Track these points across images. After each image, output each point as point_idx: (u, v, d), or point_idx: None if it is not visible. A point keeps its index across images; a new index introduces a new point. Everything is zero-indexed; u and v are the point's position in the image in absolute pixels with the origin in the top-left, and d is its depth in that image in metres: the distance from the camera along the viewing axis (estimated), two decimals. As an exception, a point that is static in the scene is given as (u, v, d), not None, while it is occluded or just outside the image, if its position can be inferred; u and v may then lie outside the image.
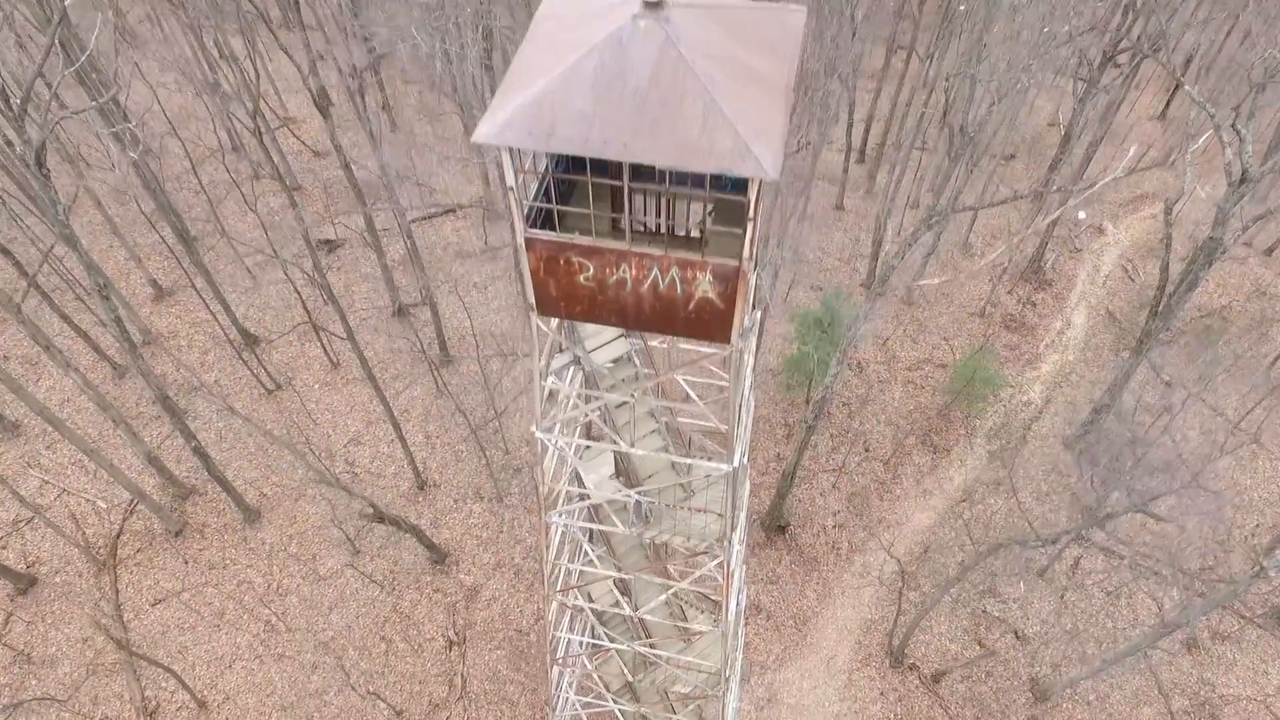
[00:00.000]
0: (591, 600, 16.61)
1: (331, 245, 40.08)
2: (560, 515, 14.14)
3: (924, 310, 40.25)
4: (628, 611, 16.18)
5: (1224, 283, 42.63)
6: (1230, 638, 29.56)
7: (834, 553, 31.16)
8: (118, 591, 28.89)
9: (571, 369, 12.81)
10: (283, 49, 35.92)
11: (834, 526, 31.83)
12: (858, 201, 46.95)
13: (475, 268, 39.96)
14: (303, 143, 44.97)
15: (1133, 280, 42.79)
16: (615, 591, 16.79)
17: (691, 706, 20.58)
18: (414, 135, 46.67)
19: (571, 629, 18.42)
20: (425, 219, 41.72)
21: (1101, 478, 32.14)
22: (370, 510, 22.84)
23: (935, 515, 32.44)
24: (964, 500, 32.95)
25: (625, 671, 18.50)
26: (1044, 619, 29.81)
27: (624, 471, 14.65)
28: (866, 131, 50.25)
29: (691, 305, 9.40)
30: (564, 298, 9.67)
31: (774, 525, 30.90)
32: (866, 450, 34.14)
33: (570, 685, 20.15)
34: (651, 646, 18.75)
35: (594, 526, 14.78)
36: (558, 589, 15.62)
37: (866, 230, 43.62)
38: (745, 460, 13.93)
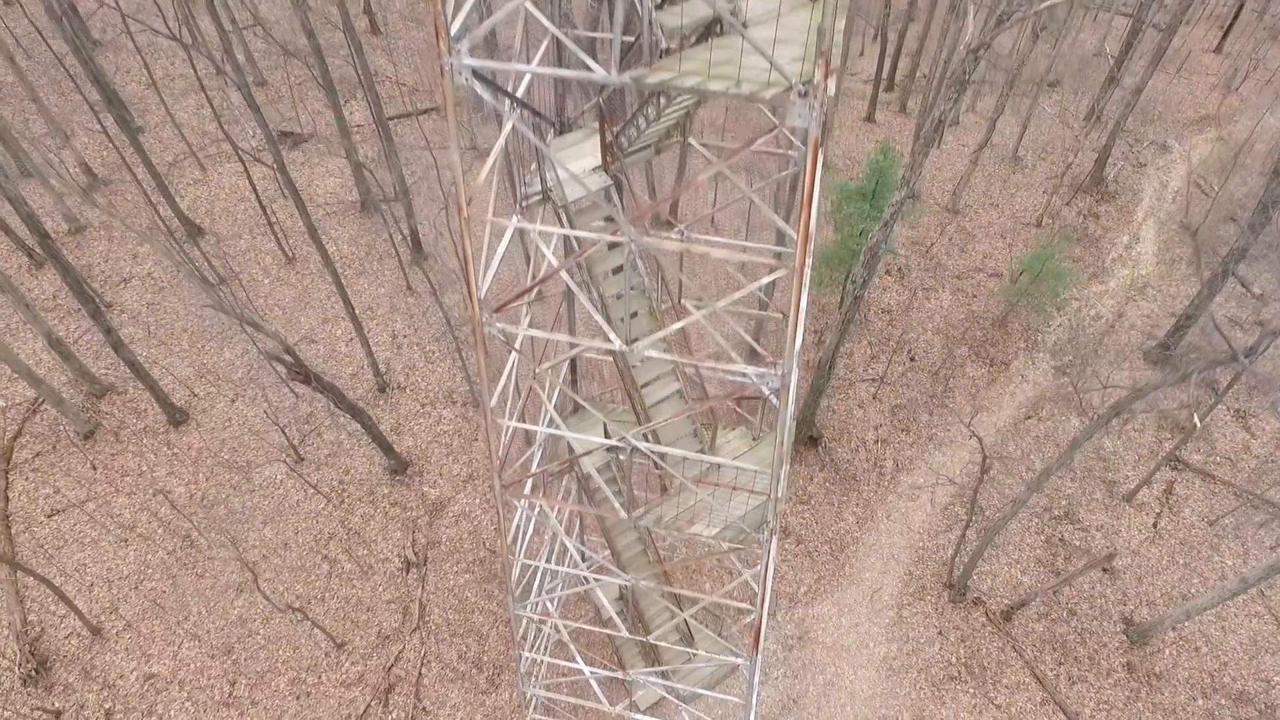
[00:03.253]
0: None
1: (295, 139, 35.31)
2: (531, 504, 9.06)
3: (971, 220, 35.16)
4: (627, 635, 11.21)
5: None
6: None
7: (876, 471, 25.87)
8: (8, 500, 23.82)
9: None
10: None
11: (875, 442, 26.55)
12: (889, 116, 42.00)
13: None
14: (273, 40, 40.36)
15: (1206, 195, 37.60)
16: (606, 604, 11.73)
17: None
18: (397, 39, 42.10)
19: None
20: (403, 116, 36.97)
21: (1197, 385, 26.87)
22: (288, 360, 17.71)
23: (995, 432, 27.13)
24: (1030, 417, 27.65)
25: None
26: (1134, 550, 24.40)
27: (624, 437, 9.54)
28: (895, 65, 45.33)
29: None
30: None
31: (804, 437, 25.67)
32: (912, 360, 28.91)
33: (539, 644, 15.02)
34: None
35: (585, 509, 9.78)
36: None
37: (904, 140, 38.66)
38: (795, 373, 8.61)
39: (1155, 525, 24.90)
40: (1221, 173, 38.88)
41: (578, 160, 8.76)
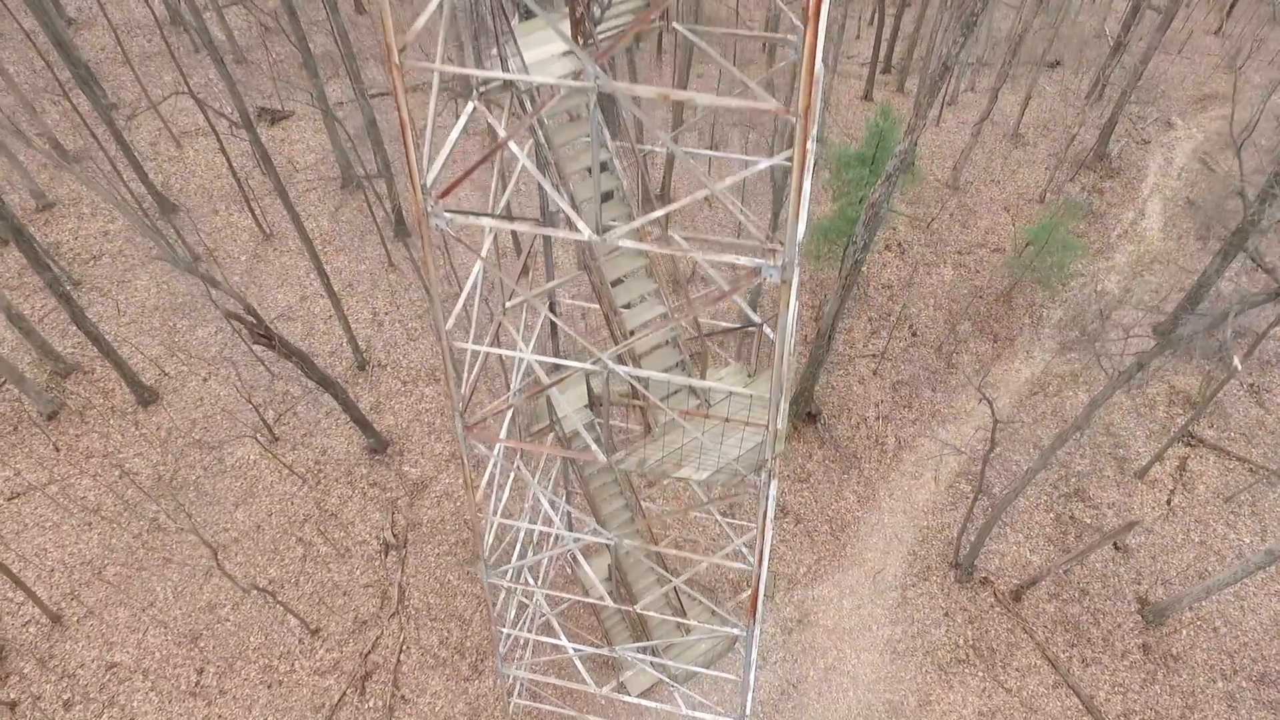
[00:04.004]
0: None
1: (276, 115, 34.19)
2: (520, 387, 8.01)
3: (973, 196, 34.16)
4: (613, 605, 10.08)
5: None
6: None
7: (878, 448, 24.80)
8: (-34, 482, 22.65)
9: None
10: None
11: (877, 418, 25.49)
12: (888, 95, 41.03)
13: (443, 138, 34.01)
14: (254, 15, 39.28)
15: (1213, 171, 36.67)
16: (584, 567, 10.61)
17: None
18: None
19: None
20: (386, 94, 35.85)
21: (1206, 357, 25.88)
22: (249, 320, 16.51)
23: (1000, 409, 26.08)
24: (1037, 393, 26.62)
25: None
26: (1148, 528, 23.36)
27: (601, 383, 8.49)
28: (891, 48, 44.31)
29: None
30: None
31: (802, 413, 24.60)
32: (914, 335, 27.87)
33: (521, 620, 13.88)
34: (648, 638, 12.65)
35: (560, 453, 8.73)
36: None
37: (904, 109, 37.65)
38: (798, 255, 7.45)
39: (1169, 502, 23.87)
40: (1228, 149, 37.96)
41: (544, 45, 7.70)
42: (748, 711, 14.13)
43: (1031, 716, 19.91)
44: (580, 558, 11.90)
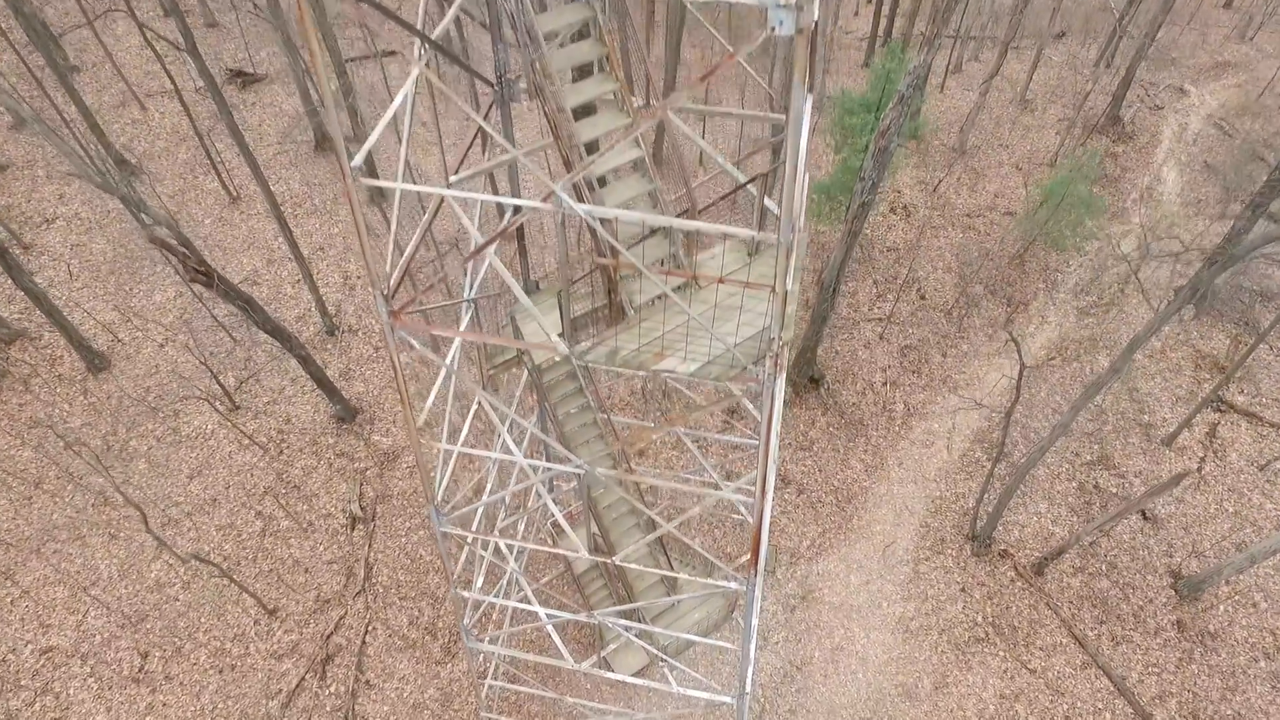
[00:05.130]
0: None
1: (246, 78, 32.47)
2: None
3: (980, 159, 32.51)
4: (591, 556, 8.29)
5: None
6: None
7: (885, 415, 23.08)
8: (-103, 454, 20.86)
9: None
10: None
11: (884, 384, 23.77)
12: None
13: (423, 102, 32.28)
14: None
15: (1230, 136, 35.07)
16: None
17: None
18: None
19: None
20: (363, 59, 34.17)
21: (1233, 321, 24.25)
22: (181, 251, 14.65)
23: (1014, 377, 24.37)
24: (1054, 358, 24.92)
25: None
26: (1178, 496, 21.65)
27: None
28: (891, 23, 42.65)
29: None
30: None
31: (804, 378, 22.88)
32: (922, 298, 26.17)
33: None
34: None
35: (499, 341, 7.20)
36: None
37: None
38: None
39: (1200, 470, 22.17)
40: (1245, 114, 36.40)
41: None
42: (748, 687, 12.38)
43: (1058, 699, 18.17)
44: (549, 502, 10.14)
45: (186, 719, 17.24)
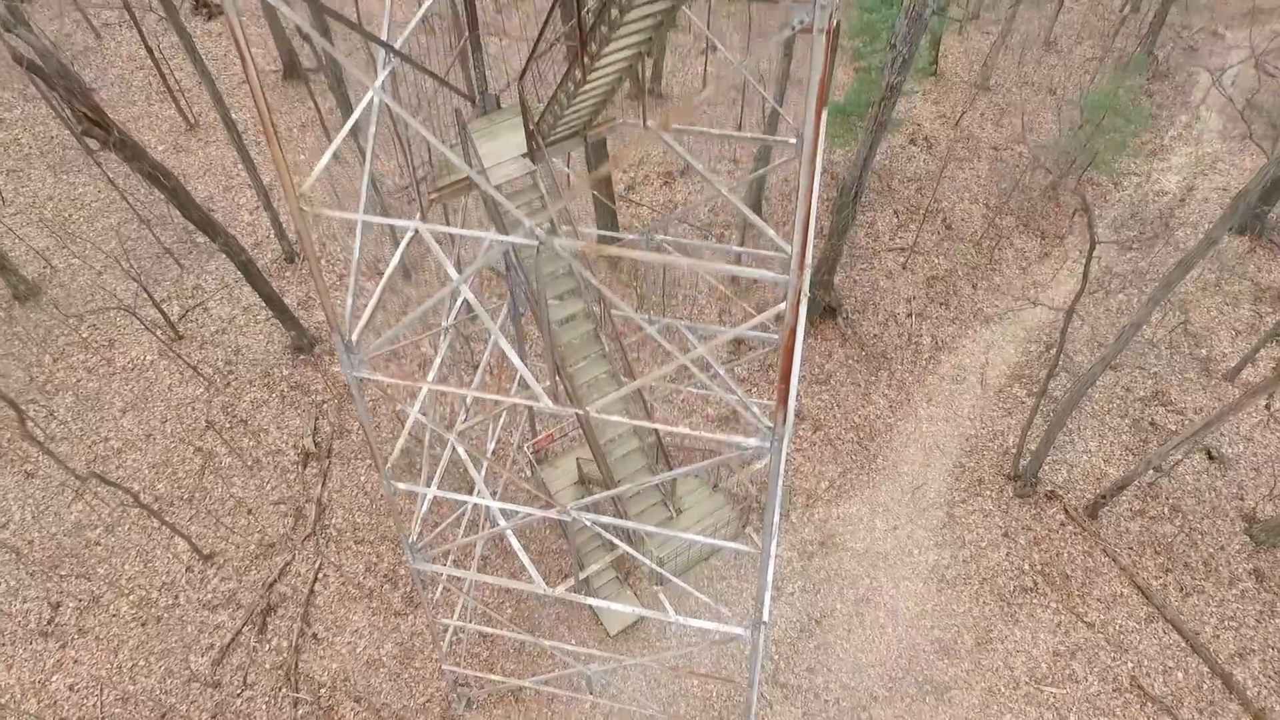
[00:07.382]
0: None
1: (212, 9, 30.13)
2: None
3: (1004, 96, 30.09)
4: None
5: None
6: None
7: (911, 348, 20.56)
8: None
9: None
10: None
11: (908, 315, 21.27)
12: None
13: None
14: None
15: (1273, 76, 32.64)
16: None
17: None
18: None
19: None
20: (343, -9, 31.81)
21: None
22: (60, 83, 12.18)
23: (1052, 311, 21.88)
24: (1095, 291, 22.41)
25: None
26: (1246, 435, 19.10)
27: None
28: None
29: None
30: None
31: (819, 307, 20.38)
32: (948, 228, 23.69)
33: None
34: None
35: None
36: None
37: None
38: None
39: (1268, 407, 19.62)
40: (1283, 56, 33.97)
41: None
42: (766, 615, 9.86)
43: (1121, 656, 15.60)
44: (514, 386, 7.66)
45: (100, 677, 14.69)
